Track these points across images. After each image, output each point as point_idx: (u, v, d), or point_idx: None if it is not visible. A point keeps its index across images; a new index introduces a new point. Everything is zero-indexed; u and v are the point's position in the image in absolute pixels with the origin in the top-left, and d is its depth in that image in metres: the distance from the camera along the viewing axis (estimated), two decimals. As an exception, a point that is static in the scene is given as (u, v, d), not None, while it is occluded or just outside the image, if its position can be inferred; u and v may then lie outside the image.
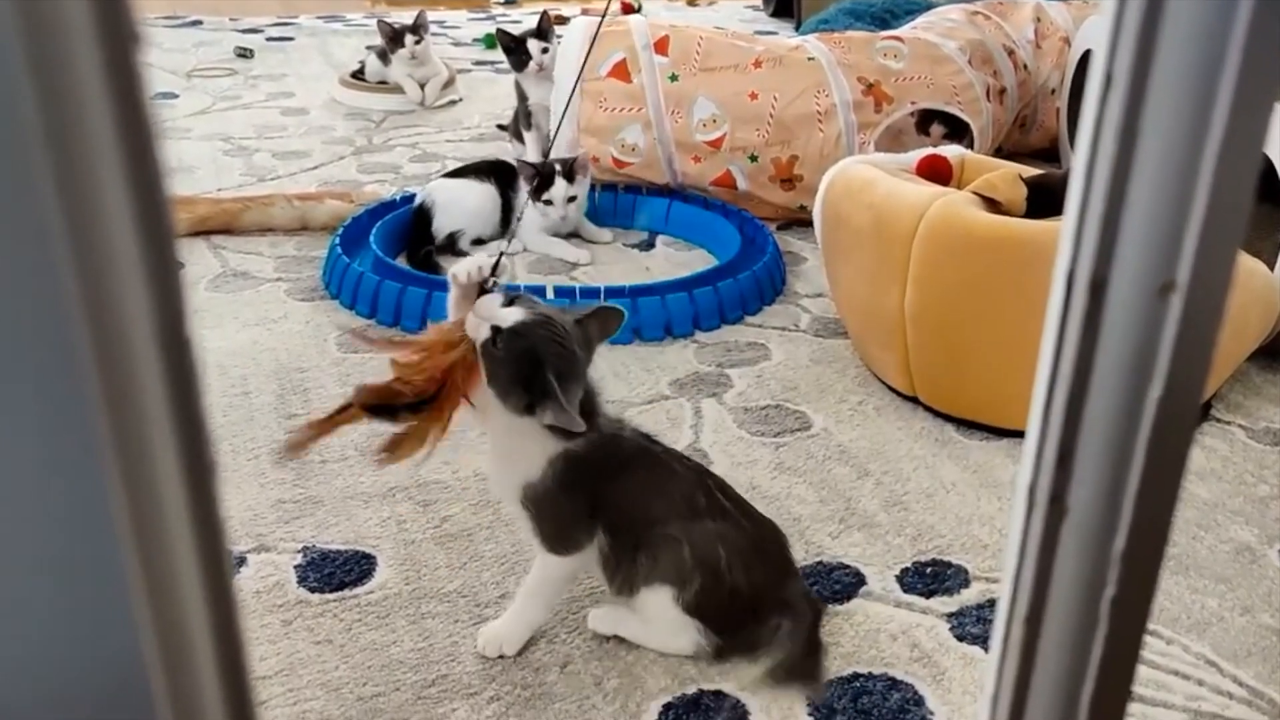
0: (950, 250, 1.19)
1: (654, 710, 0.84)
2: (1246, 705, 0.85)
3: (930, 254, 1.19)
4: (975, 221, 1.18)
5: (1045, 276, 1.26)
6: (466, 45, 3.50)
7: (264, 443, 1.20)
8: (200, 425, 0.28)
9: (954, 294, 1.20)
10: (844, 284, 1.41)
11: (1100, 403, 0.34)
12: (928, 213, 1.19)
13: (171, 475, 0.28)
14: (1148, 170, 0.32)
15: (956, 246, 1.18)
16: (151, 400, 0.27)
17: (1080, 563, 0.36)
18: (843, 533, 1.06)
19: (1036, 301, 1.36)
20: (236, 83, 2.92)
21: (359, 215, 1.75)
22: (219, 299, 1.57)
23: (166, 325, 0.27)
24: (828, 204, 1.37)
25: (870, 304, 1.30)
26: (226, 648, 0.31)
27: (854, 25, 2.36)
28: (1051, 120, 2.16)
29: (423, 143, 2.39)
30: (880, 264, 1.25)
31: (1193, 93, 0.31)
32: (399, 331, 1.47)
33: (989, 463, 1.18)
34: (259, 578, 0.98)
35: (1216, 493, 1.13)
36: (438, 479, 1.14)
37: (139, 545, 0.27)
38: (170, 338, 0.27)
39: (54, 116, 0.24)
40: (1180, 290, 0.33)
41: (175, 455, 0.28)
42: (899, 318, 1.23)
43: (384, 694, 0.85)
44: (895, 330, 1.25)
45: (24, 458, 0.26)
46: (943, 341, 1.23)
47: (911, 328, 1.23)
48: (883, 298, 1.26)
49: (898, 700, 0.85)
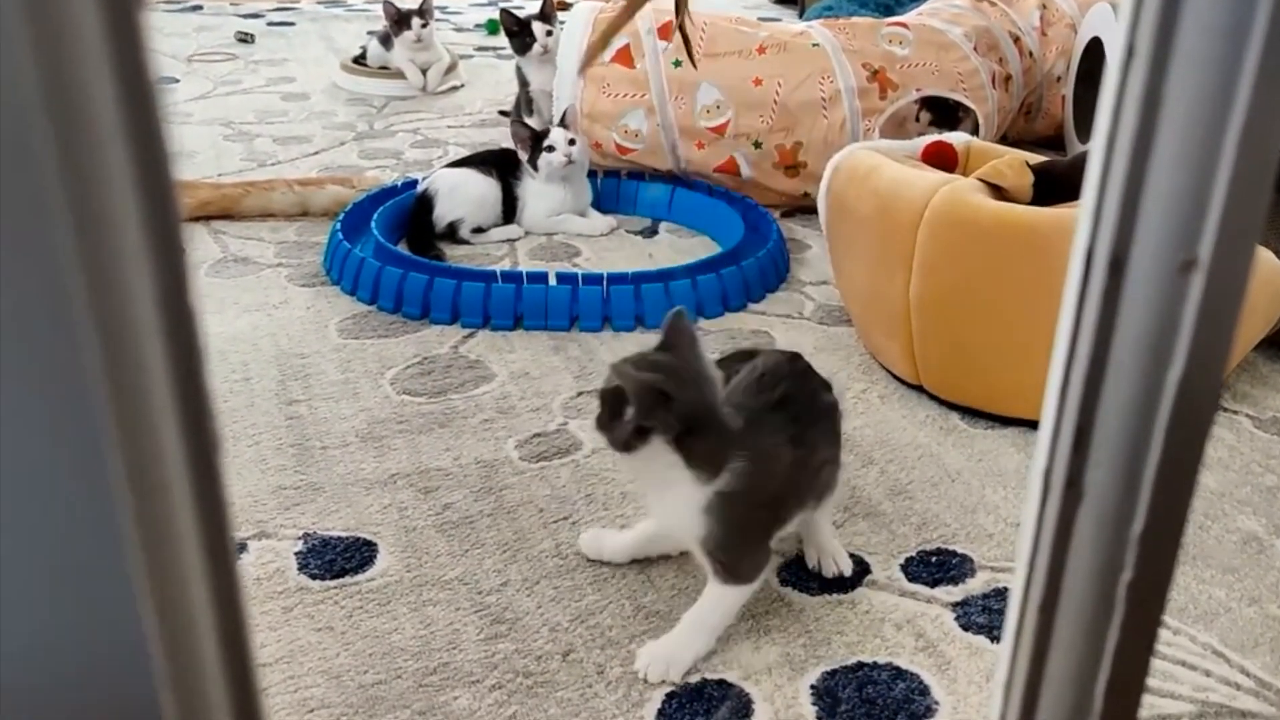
0: (955, 237, 1.17)
1: (657, 699, 0.83)
2: (1254, 696, 0.84)
3: (935, 241, 1.18)
4: (981, 208, 1.16)
5: (1051, 264, 1.26)
6: (469, 31, 3.48)
7: (265, 428, 1.19)
8: (204, 401, 0.28)
9: (959, 281, 1.19)
10: (848, 271, 1.40)
11: (1118, 384, 0.34)
12: (933, 200, 1.17)
13: (176, 453, 0.28)
14: (1170, 144, 0.31)
15: (962, 234, 1.17)
16: (155, 377, 0.27)
17: (1096, 547, 0.35)
18: (847, 521, 1.05)
19: (1043, 289, 1.37)
20: (237, 68, 2.90)
21: (360, 201, 1.74)
22: (219, 284, 1.56)
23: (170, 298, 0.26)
24: (832, 191, 1.36)
25: (875, 291, 1.29)
26: (230, 629, 0.30)
27: (858, 12, 2.34)
28: (1057, 108, 2.14)
29: (424, 128, 2.38)
30: (885, 251, 1.24)
31: (1217, 64, 0.30)
32: (399, 318, 1.46)
33: (994, 451, 1.17)
34: (259, 564, 0.97)
35: (1223, 482, 1.12)
36: (439, 466, 1.13)
37: (142, 525, 0.27)
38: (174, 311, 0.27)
39: (58, 97, 0.23)
40: (1202, 268, 0.32)
41: (179, 433, 0.28)
42: (904, 305, 1.22)
43: (385, 681, 0.85)
44: (900, 318, 1.24)
45: (26, 442, 0.26)
46: (948, 330, 1.22)
47: (916, 316, 1.22)
48: (887, 285, 1.24)
49: (903, 690, 0.84)
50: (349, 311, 1.48)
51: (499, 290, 1.44)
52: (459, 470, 1.12)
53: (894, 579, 0.97)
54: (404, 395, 1.27)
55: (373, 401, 1.25)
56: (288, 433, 1.19)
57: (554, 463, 1.14)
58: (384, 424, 1.21)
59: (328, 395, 1.27)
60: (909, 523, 1.05)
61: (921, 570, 0.98)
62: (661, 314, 1.45)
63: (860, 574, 0.98)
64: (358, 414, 1.23)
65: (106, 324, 0.25)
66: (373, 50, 2.73)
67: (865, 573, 0.98)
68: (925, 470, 1.14)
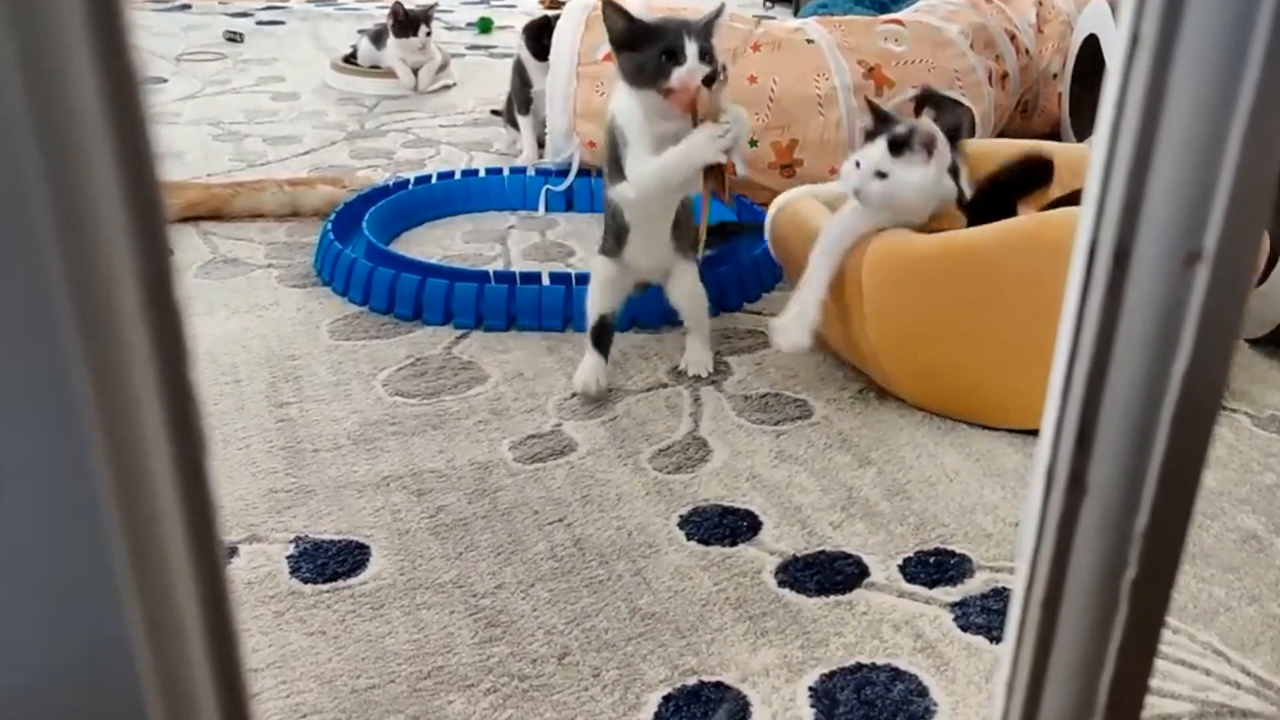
0: (901, 277, 1.18)
1: (653, 702, 0.83)
2: (1254, 695, 0.84)
3: (882, 286, 1.18)
4: (919, 243, 1.17)
5: (999, 277, 1.28)
6: (460, 30, 3.47)
7: (255, 431, 1.18)
8: (191, 401, 0.27)
9: (916, 317, 1.20)
10: None
11: (1122, 378, 0.33)
12: (870, 247, 1.18)
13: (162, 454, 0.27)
14: (1175, 134, 0.31)
15: (907, 273, 1.18)
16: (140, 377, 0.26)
17: (1100, 544, 0.34)
18: (844, 522, 1.05)
19: (999, 304, 1.37)
20: (226, 67, 2.89)
21: (351, 201, 1.72)
22: (209, 286, 1.55)
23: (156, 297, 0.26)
24: (776, 234, 1.38)
25: (835, 330, 1.28)
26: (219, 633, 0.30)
27: (854, 9, 2.34)
28: (1053, 105, 2.14)
29: (416, 128, 2.37)
30: (835, 298, 1.24)
31: (1223, 53, 0.29)
32: (391, 319, 1.45)
33: (992, 451, 1.17)
34: (250, 568, 0.96)
35: (1222, 480, 1.12)
36: (432, 468, 1.12)
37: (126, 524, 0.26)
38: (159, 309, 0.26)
39: (43, 99, 0.23)
40: (1207, 260, 0.31)
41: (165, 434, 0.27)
42: (867, 344, 1.22)
43: (378, 686, 0.84)
44: (869, 357, 1.24)
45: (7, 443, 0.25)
46: (917, 363, 1.22)
47: (882, 355, 1.22)
48: (844, 326, 1.25)
49: (901, 691, 0.84)
50: (340, 312, 1.47)
51: (492, 290, 1.43)
52: (453, 472, 1.12)
53: (892, 579, 0.96)
54: (396, 397, 1.26)
55: (365, 403, 1.24)
56: (279, 435, 1.18)
57: (549, 464, 1.13)
58: (376, 426, 1.20)
59: (319, 397, 1.26)
60: (907, 523, 1.05)
61: (920, 571, 0.98)
62: (655, 315, 1.45)
63: (858, 575, 0.97)
64: (350, 416, 1.22)
65: (90, 323, 0.25)
66: (363, 49, 2.72)
67: (863, 574, 0.97)
68: (923, 470, 1.13)
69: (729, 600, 0.93)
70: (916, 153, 1.16)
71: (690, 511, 1.05)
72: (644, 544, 1.00)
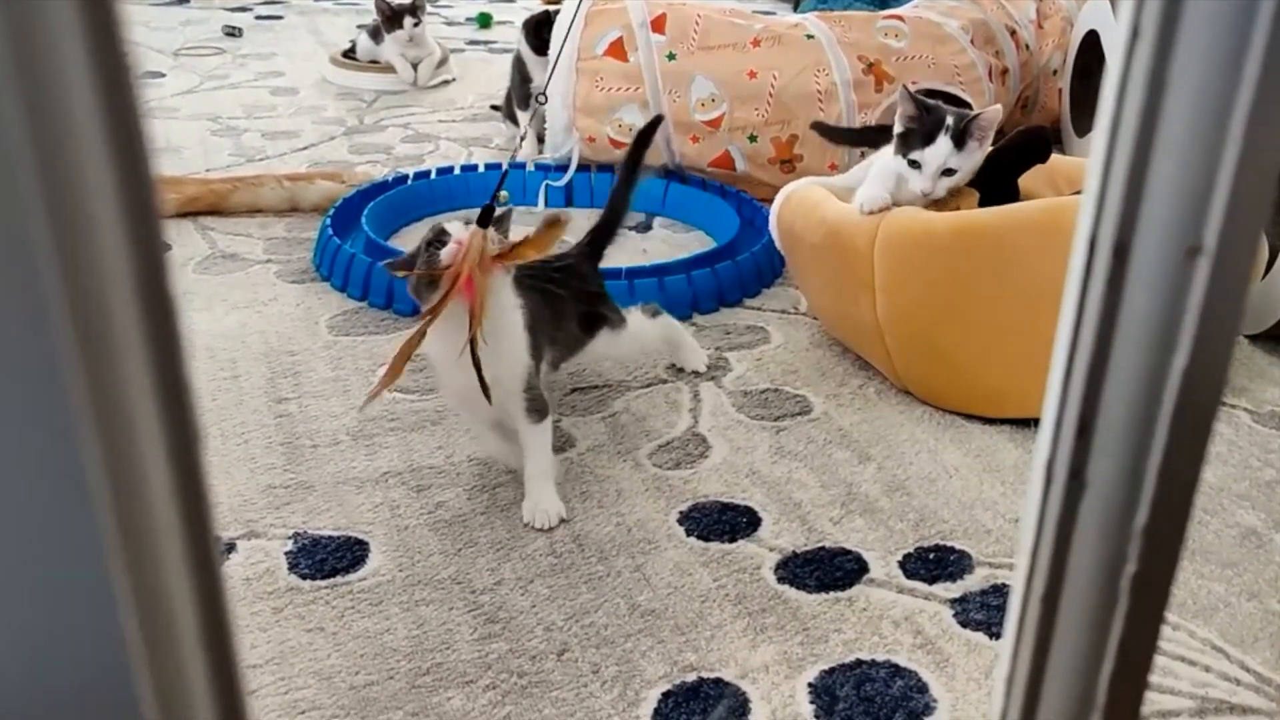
0: (914, 255, 1.18)
1: (653, 698, 0.82)
2: (1254, 691, 0.84)
3: (894, 262, 1.18)
4: (934, 221, 1.17)
5: (1012, 260, 1.26)
6: (459, 25, 3.47)
7: (253, 427, 1.18)
8: (185, 395, 0.27)
9: (925, 297, 1.20)
10: (813, 296, 1.42)
11: (1122, 373, 0.33)
12: (883, 223, 1.18)
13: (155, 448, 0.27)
14: (1175, 128, 0.30)
15: (920, 250, 1.18)
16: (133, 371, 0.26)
17: (1100, 539, 0.34)
18: (844, 518, 1.05)
19: (1010, 288, 1.36)
20: (225, 62, 2.89)
21: (350, 196, 1.72)
22: (207, 281, 1.54)
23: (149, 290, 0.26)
24: (782, 222, 1.37)
25: (842, 314, 1.29)
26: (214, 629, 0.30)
27: (854, 5, 2.33)
28: (1053, 101, 2.14)
29: (415, 123, 2.37)
30: (844, 277, 1.24)
31: (1223, 46, 0.29)
32: (390, 315, 1.45)
33: (991, 447, 1.17)
34: (249, 564, 0.96)
35: (1222, 477, 1.11)
36: (431, 464, 1.12)
37: (120, 520, 0.26)
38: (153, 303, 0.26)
39: (35, 94, 0.22)
40: (1208, 254, 0.31)
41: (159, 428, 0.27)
42: (873, 325, 1.22)
43: (377, 682, 0.84)
44: (873, 337, 1.24)
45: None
46: (923, 343, 1.22)
47: (888, 334, 1.22)
48: (853, 308, 1.25)
49: (901, 687, 0.84)
50: (339, 308, 1.47)
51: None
52: (451, 468, 1.11)
53: (892, 576, 0.96)
54: (395, 392, 1.26)
55: (363, 399, 1.24)
56: (277, 431, 1.17)
57: (547, 459, 1.13)
58: (375, 421, 1.20)
59: (318, 393, 1.26)
60: (906, 519, 1.04)
61: (919, 567, 0.97)
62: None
63: (858, 571, 0.97)
64: (348, 412, 1.22)
65: (84, 317, 0.24)
66: (362, 44, 2.72)
67: (863, 570, 0.97)
68: (923, 466, 1.13)
69: (728, 596, 0.93)
70: (975, 138, 1.20)
71: (690, 508, 1.05)
72: (643, 540, 1.00)
